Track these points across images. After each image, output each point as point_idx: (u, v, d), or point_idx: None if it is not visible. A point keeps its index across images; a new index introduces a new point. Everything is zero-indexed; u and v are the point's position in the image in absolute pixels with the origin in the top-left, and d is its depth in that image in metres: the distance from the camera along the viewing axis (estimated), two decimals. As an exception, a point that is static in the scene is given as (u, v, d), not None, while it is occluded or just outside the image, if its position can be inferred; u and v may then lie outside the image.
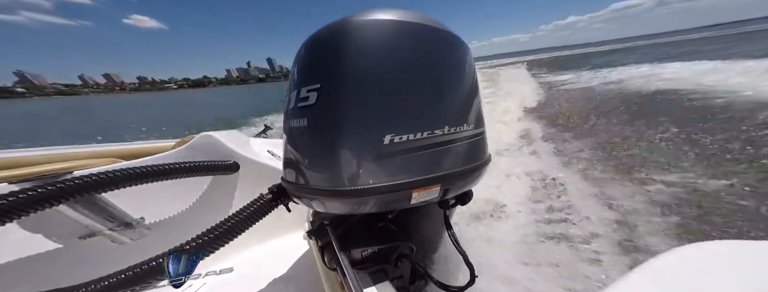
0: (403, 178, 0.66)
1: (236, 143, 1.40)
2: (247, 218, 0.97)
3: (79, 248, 1.03)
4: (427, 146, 0.67)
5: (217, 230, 0.93)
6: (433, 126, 0.68)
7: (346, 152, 0.65)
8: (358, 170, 0.65)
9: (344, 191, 0.66)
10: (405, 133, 0.64)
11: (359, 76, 0.65)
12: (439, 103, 0.70)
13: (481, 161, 0.81)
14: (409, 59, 0.68)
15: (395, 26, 0.69)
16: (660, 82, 8.40)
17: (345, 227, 0.96)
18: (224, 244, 0.93)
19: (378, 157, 0.64)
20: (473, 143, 0.77)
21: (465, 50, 0.79)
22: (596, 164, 3.57)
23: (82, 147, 1.24)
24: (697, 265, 0.50)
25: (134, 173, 1.01)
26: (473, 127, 0.77)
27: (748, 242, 0.53)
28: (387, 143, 0.63)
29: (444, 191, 0.73)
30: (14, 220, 0.78)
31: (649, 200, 2.66)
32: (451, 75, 0.74)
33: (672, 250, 0.54)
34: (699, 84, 7.33)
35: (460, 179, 0.75)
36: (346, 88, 0.64)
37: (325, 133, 0.67)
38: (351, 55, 0.65)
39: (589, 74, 13.52)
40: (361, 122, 0.64)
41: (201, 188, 1.29)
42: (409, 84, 0.67)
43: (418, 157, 0.67)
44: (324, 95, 0.66)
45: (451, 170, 0.72)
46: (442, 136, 0.69)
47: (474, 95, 0.79)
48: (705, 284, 0.45)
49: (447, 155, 0.72)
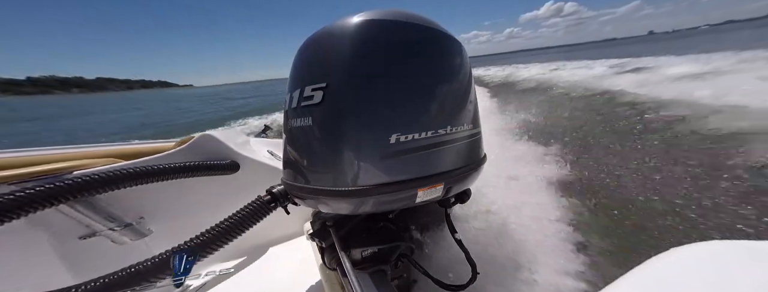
0: (409, 176, 0.67)
1: (236, 143, 1.40)
2: (245, 220, 0.96)
3: (79, 248, 1.03)
4: (432, 145, 0.68)
5: (215, 230, 0.93)
6: (437, 125, 0.68)
7: (353, 151, 0.64)
8: (364, 169, 0.65)
9: (350, 190, 0.65)
10: (411, 133, 0.65)
11: (366, 74, 0.65)
12: (442, 102, 0.71)
13: (479, 160, 0.83)
14: (412, 59, 0.69)
15: (395, 26, 0.69)
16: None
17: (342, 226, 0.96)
18: (222, 245, 0.93)
19: (384, 156, 0.64)
20: (472, 142, 0.79)
21: (460, 50, 0.80)
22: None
23: (82, 147, 1.24)
24: (697, 265, 0.50)
25: (134, 172, 1.01)
26: (472, 127, 0.78)
27: (748, 242, 0.53)
28: (393, 142, 0.64)
29: (446, 189, 0.74)
30: (14, 219, 0.78)
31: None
32: (451, 74, 0.74)
33: (672, 250, 0.54)
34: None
35: (461, 177, 0.76)
36: (354, 86, 0.64)
37: (332, 132, 0.66)
38: (358, 54, 0.65)
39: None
40: (368, 121, 0.64)
41: (201, 188, 1.29)
42: (413, 83, 0.68)
43: (422, 156, 0.68)
44: (331, 94, 0.65)
45: (453, 168, 0.73)
46: (444, 135, 0.69)
47: (471, 95, 0.80)
48: (705, 284, 0.45)
49: (449, 154, 0.72)
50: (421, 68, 0.69)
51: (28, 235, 0.94)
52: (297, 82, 0.73)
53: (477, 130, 0.82)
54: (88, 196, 0.95)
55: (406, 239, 0.92)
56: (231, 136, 1.42)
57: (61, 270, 1.04)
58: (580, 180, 2.69)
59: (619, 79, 8.13)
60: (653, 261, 0.52)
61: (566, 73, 11.81)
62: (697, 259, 0.51)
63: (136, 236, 1.13)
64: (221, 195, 1.33)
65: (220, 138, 1.34)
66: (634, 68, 10.27)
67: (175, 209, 1.25)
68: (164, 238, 1.12)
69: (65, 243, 1.01)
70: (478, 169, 0.82)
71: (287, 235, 1.62)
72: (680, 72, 7.58)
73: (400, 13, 0.73)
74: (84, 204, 0.97)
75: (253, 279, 1.30)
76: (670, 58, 11.71)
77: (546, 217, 1.98)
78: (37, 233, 0.96)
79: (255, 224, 0.99)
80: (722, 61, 8.07)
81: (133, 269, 0.81)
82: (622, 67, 11.39)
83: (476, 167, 0.81)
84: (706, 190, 2.29)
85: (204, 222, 1.01)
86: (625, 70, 10.31)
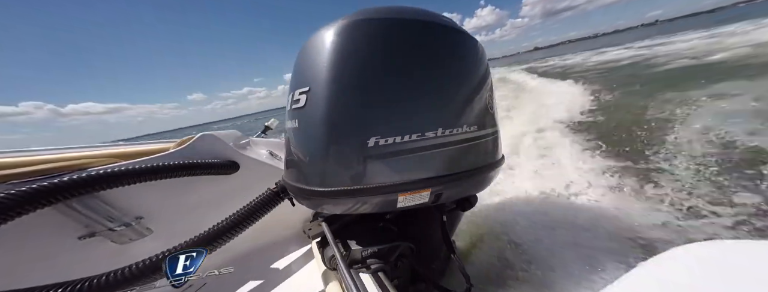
0: (388, 181, 0.65)
1: (236, 143, 1.40)
2: (255, 210, 1.01)
3: (79, 248, 1.02)
4: (417, 148, 0.65)
5: (227, 221, 0.98)
6: (424, 128, 0.65)
7: (331, 154, 0.65)
8: (342, 171, 0.65)
9: (329, 191, 0.66)
10: (391, 136, 0.63)
11: (344, 78, 0.64)
12: (432, 104, 0.67)
13: (481, 165, 0.76)
14: (399, 59, 0.66)
15: (384, 26, 0.67)
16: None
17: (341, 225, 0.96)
18: (233, 236, 0.98)
19: (363, 159, 0.63)
20: (472, 146, 0.73)
21: (467, 45, 0.74)
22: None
23: (82, 147, 1.24)
24: (697, 265, 0.50)
25: (134, 172, 1.00)
26: (474, 129, 0.72)
27: (748, 242, 0.52)
28: (372, 146, 0.62)
29: (435, 195, 0.71)
30: (13, 219, 0.78)
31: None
32: (446, 73, 0.70)
33: (672, 250, 0.54)
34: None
35: (454, 183, 0.71)
36: (331, 90, 0.64)
37: (312, 135, 0.67)
38: (336, 58, 0.64)
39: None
40: (345, 124, 0.64)
41: (201, 187, 1.28)
42: (397, 85, 0.65)
43: (405, 160, 0.65)
44: (311, 98, 0.66)
45: (443, 173, 0.69)
46: (433, 138, 0.66)
47: (476, 95, 0.74)
48: (705, 284, 0.45)
49: (439, 159, 0.68)
50: (405, 68, 0.66)
51: (27, 235, 0.94)
52: (291, 86, 0.74)
53: (482, 133, 0.74)
54: (87, 195, 0.95)
55: (406, 240, 0.92)
56: (231, 136, 1.42)
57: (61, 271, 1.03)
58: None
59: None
60: (654, 261, 0.52)
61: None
62: (698, 259, 0.51)
63: (136, 235, 1.13)
64: (221, 195, 1.33)
65: (221, 138, 1.34)
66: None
67: (175, 208, 1.25)
68: (164, 238, 1.12)
69: (64, 243, 1.01)
70: (479, 175, 0.76)
71: (288, 235, 1.62)
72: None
73: (391, 10, 0.70)
74: (83, 204, 0.97)
75: (253, 279, 1.30)
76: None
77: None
78: (37, 233, 0.96)
79: (265, 213, 1.03)
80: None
81: (135, 266, 0.81)
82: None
83: (477, 173, 0.75)
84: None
85: (204, 222, 1.00)
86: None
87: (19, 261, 0.93)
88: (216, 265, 1.34)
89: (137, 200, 1.13)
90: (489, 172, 0.78)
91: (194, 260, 0.83)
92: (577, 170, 2.59)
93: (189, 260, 0.82)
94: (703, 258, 0.51)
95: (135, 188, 1.02)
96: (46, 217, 0.87)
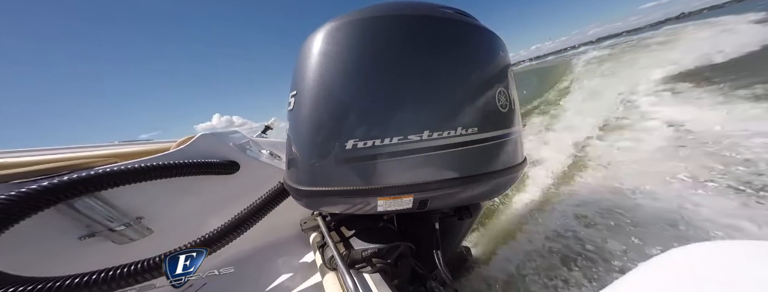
0: (365, 184, 0.62)
1: (236, 143, 1.40)
2: (256, 211, 1.03)
3: (78, 248, 1.02)
4: (399, 152, 0.61)
5: (229, 224, 0.99)
6: (406, 131, 0.60)
7: (313, 155, 0.66)
8: (323, 172, 0.66)
9: (317, 191, 0.67)
10: (370, 139, 0.60)
11: (326, 81, 0.64)
12: (419, 105, 0.62)
13: (475, 173, 0.68)
14: (386, 59, 0.63)
15: (365, 26, 0.64)
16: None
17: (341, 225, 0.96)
18: (241, 233, 0.99)
19: (342, 161, 0.63)
20: (468, 151, 0.65)
21: (466, 37, 0.69)
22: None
23: (82, 147, 1.24)
24: (698, 265, 0.50)
25: (134, 172, 1.01)
26: (471, 132, 0.65)
27: (748, 242, 0.52)
28: (350, 148, 0.61)
29: (419, 202, 0.66)
30: (13, 219, 0.78)
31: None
32: (441, 72, 0.64)
33: (672, 250, 0.54)
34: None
35: (440, 191, 0.65)
36: (311, 93, 0.66)
37: (300, 138, 0.69)
38: (318, 61, 0.66)
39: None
40: (323, 127, 0.64)
41: (201, 188, 1.28)
42: (376, 87, 0.62)
43: (386, 164, 0.61)
44: (298, 101, 0.69)
45: (427, 180, 0.63)
46: (418, 142, 0.61)
47: (477, 94, 0.68)
48: (705, 284, 0.45)
49: (424, 164, 0.63)
50: (394, 69, 0.62)
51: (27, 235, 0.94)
52: (290, 89, 0.77)
53: (481, 137, 0.67)
54: (87, 195, 0.95)
55: (407, 240, 0.92)
56: (231, 137, 1.42)
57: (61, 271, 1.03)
58: None
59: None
60: (654, 261, 0.52)
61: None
62: (698, 259, 0.51)
63: (136, 235, 1.13)
64: (221, 195, 1.33)
65: (221, 138, 1.34)
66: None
67: (175, 209, 1.25)
68: (164, 238, 1.12)
69: (65, 243, 1.01)
70: (473, 184, 0.68)
71: (288, 235, 1.62)
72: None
73: (387, 7, 0.67)
74: (83, 204, 0.97)
75: (253, 279, 1.30)
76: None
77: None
78: (36, 233, 0.96)
79: (266, 214, 1.05)
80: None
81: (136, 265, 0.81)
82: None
83: (469, 182, 0.67)
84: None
85: (204, 222, 1.00)
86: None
87: (19, 261, 0.93)
88: (216, 265, 1.34)
89: (137, 200, 1.13)
90: (481, 181, 0.68)
91: (194, 260, 0.83)
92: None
93: (189, 260, 0.82)
94: (704, 258, 0.51)
95: (135, 188, 1.02)
96: (47, 217, 0.87)
